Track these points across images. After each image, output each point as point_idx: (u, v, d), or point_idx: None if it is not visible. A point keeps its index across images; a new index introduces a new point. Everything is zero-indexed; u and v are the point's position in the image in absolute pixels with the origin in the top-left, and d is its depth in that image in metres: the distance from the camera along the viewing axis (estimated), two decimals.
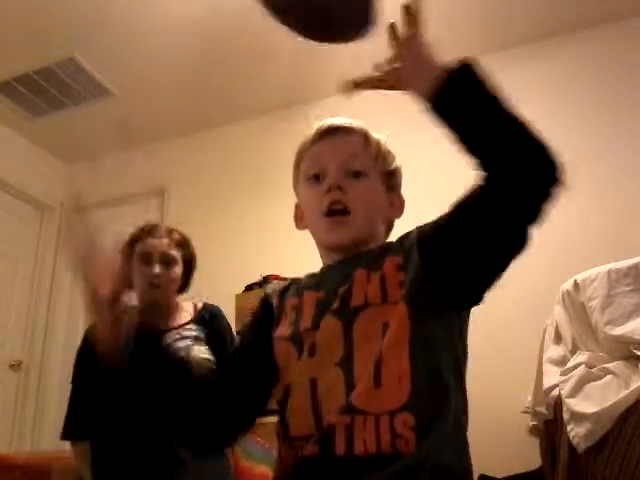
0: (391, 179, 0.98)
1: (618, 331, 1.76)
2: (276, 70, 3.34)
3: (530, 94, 3.16)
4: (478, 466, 2.76)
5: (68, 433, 1.64)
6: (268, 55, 3.20)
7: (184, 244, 1.76)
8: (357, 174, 0.91)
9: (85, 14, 2.86)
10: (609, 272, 1.87)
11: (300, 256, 3.14)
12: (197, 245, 3.49)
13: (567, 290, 1.99)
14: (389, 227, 1.02)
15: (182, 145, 3.90)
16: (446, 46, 3.43)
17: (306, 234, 1.03)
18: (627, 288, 1.82)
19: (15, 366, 3.51)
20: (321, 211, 0.90)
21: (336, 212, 0.89)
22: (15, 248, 3.72)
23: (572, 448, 1.69)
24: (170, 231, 1.75)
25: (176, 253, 1.71)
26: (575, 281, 1.97)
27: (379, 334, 0.78)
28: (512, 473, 2.40)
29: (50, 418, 3.39)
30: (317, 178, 0.93)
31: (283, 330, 0.89)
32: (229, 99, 3.58)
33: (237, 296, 2.83)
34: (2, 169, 3.61)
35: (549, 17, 3.07)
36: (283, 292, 0.95)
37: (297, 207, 1.02)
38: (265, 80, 3.42)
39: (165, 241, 1.69)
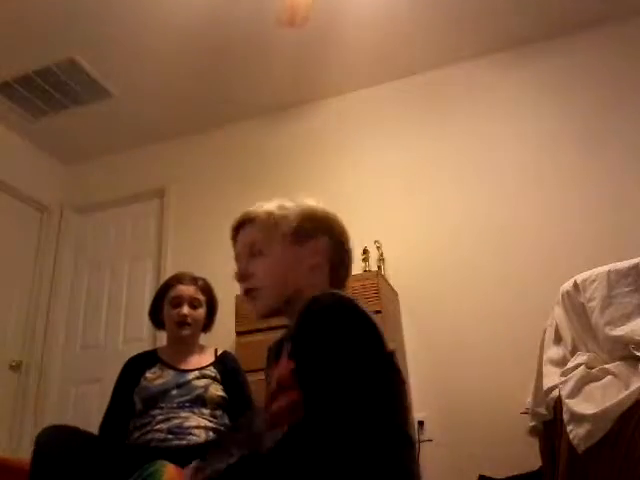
0: (300, 233, 1.09)
1: (618, 332, 1.76)
2: (275, 72, 3.35)
3: (529, 94, 3.17)
4: (478, 466, 2.77)
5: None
6: (267, 57, 3.21)
7: (207, 289, 2.09)
8: (260, 253, 1.10)
9: (85, 15, 2.87)
10: (609, 273, 1.87)
11: None
12: (197, 245, 3.52)
13: (567, 291, 1.99)
14: (321, 268, 1.10)
15: (182, 145, 3.90)
16: (446, 47, 3.41)
17: None
18: (627, 289, 1.81)
19: (15, 366, 3.51)
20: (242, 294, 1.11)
21: (248, 290, 1.09)
22: (15, 249, 3.72)
23: (572, 449, 1.69)
24: (195, 278, 2.07)
25: (201, 297, 2.04)
26: (575, 282, 1.96)
27: None
28: (512, 474, 2.40)
29: (50, 418, 3.39)
30: None
31: None
32: (228, 100, 3.59)
33: (237, 296, 2.83)
34: (2, 170, 3.61)
35: (546, 18, 3.08)
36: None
37: None
38: (264, 81, 3.43)
39: (192, 287, 2.03)
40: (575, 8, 3.02)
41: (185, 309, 1.98)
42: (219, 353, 2.06)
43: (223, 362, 2.01)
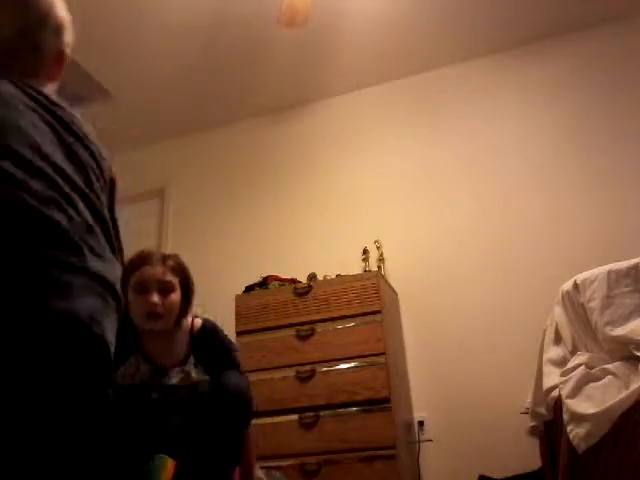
0: None
1: (618, 332, 1.76)
2: (275, 72, 3.35)
3: (529, 95, 3.17)
4: (478, 466, 2.78)
5: None
6: (267, 57, 3.21)
7: (180, 270, 1.74)
8: None
9: (84, 15, 2.86)
10: (609, 273, 1.87)
11: (299, 257, 3.15)
12: (197, 245, 3.52)
13: (567, 291, 1.99)
14: None
15: (182, 145, 3.90)
16: (446, 47, 3.39)
17: (303, 236, 1.05)
18: (627, 289, 1.81)
19: None
20: None
21: None
22: None
23: (572, 449, 1.69)
24: (165, 258, 1.72)
25: (173, 279, 1.69)
26: (575, 282, 1.96)
27: None
28: (512, 474, 2.40)
29: None
30: None
31: None
32: (228, 100, 3.59)
33: (237, 296, 2.83)
34: None
35: (546, 18, 3.08)
36: None
37: None
38: (265, 81, 3.43)
39: (160, 269, 1.67)
40: (576, 7, 3.02)
41: (154, 296, 1.63)
42: (195, 332, 1.76)
43: (199, 345, 1.75)
